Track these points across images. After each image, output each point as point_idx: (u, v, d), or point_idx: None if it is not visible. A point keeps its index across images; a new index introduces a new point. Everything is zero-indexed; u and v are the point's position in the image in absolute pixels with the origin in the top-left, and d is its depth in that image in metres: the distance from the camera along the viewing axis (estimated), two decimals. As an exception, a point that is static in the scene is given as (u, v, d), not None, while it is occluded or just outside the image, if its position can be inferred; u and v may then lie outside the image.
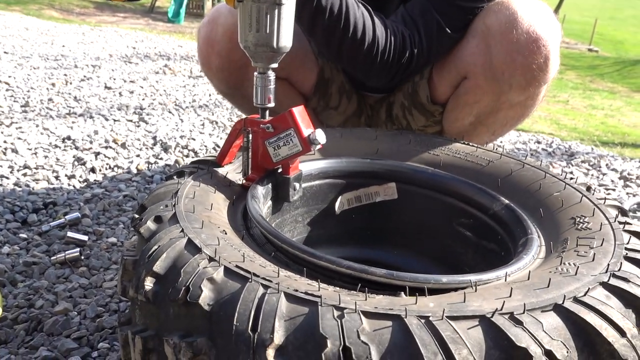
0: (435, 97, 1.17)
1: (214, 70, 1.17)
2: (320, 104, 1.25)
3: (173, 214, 0.67)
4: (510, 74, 1.01)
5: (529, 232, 0.75)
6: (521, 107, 1.10)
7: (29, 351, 0.89)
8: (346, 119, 1.31)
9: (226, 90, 1.23)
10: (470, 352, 0.46)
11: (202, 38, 1.17)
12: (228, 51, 1.12)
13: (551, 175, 0.88)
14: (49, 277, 1.09)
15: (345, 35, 1.00)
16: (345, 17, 0.98)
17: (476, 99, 1.09)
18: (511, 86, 1.03)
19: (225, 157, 0.85)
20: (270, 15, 0.74)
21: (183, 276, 0.54)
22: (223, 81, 1.19)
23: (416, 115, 1.21)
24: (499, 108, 1.10)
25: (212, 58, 1.15)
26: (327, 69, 1.23)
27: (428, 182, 0.95)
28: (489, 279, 0.61)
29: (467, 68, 1.07)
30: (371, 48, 1.02)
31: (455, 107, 1.14)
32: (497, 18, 1.01)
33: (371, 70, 1.07)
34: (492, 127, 1.17)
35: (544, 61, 0.99)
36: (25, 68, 3.00)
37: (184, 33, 6.00)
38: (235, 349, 0.48)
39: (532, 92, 1.05)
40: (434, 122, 1.21)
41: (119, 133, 2.04)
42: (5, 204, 1.38)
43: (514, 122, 1.18)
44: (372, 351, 0.46)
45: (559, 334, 0.50)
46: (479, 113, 1.12)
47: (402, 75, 1.10)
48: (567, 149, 2.28)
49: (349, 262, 0.59)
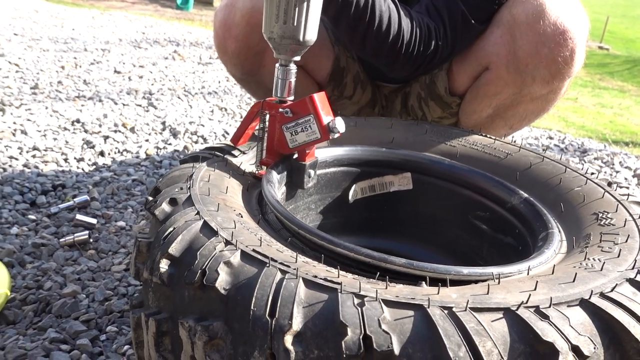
0: (454, 88, 1.15)
1: (230, 55, 1.15)
2: (335, 93, 1.23)
3: (188, 197, 0.65)
4: (534, 66, 0.99)
5: (550, 226, 0.73)
6: (542, 101, 1.08)
7: (37, 332, 0.88)
8: (360, 109, 1.29)
9: (240, 75, 1.21)
10: (495, 344, 0.45)
11: (219, 21, 1.14)
12: (245, 35, 1.10)
13: (572, 169, 0.86)
14: (58, 259, 1.09)
15: (370, 28, 0.98)
16: (371, 10, 0.96)
17: (497, 90, 1.07)
18: (534, 79, 1.01)
19: (240, 138, 0.84)
20: (299, 8, 0.72)
21: (199, 259, 0.53)
22: (238, 66, 1.17)
23: (432, 106, 1.19)
24: (519, 101, 1.08)
25: (228, 42, 1.13)
26: (342, 58, 1.21)
27: (444, 173, 0.94)
28: (511, 272, 0.59)
29: (489, 58, 1.05)
30: (396, 41, 1.00)
31: (473, 98, 1.12)
32: (524, 8, 0.98)
33: (395, 62, 1.05)
34: (510, 121, 1.15)
35: (569, 54, 0.97)
36: (35, 50, 2.98)
37: (193, 20, 5.97)
38: (252, 334, 0.47)
39: (556, 85, 1.03)
40: (450, 114, 1.19)
41: (128, 117, 2.02)
42: (14, 185, 1.37)
43: (532, 117, 1.15)
44: (393, 340, 0.44)
45: (585, 329, 0.48)
46: (498, 106, 1.10)
47: (426, 67, 1.08)
48: (579, 145, 2.25)
49: (368, 250, 0.58)
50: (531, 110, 1.11)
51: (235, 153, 0.85)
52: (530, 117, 1.15)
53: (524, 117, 1.14)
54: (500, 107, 1.11)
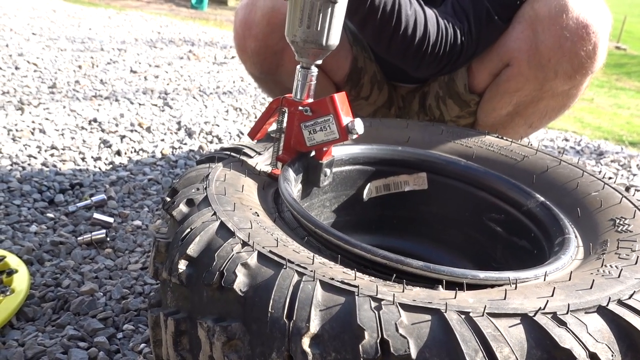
0: (473, 85, 1.14)
1: (249, 54, 1.15)
2: (352, 94, 1.24)
3: (205, 197, 0.66)
4: (556, 60, 0.99)
5: (566, 231, 0.73)
6: (563, 97, 1.08)
7: (55, 329, 0.89)
8: (376, 110, 1.29)
9: (259, 75, 1.21)
10: (512, 350, 0.45)
11: (239, 20, 1.15)
12: (265, 35, 1.10)
13: (589, 174, 0.85)
14: (76, 257, 1.10)
15: (396, 33, 0.99)
16: (397, 15, 0.97)
17: (518, 87, 1.06)
18: (557, 73, 1.00)
19: (258, 132, 0.84)
20: (323, 13, 0.72)
21: (217, 260, 0.54)
22: (257, 65, 1.17)
23: (450, 105, 1.19)
24: (540, 97, 1.07)
25: (248, 41, 1.13)
26: (360, 59, 1.21)
27: (460, 174, 0.93)
28: (528, 277, 0.59)
29: (510, 54, 1.05)
30: (421, 43, 1.00)
31: (494, 96, 1.12)
32: (546, 3, 0.98)
33: (421, 64, 1.05)
34: (530, 119, 1.14)
35: (592, 49, 0.97)
36: (53, 50, 3.02)
37: (207, 19, 6.00)
38: (270, 336, 0.48)
39: (578, 80, 1.02)
40: (469, 113, 1.19)
41: (144, 117, 2.04)
42: (33, 183, 1.39)
43: (553, 114, 1.15)
44: (410, 345, 0.45)
45: (603, 336, 0.48)
46: (519, 103, 1.10)
47: (451, 67, 1.08)
48: (595, 147, 2.23)
49: (384, 252, 0.58)
50: (552, 106, 1.11)
51: (250, 154, 0.86)
52: (550, 114, 1.14)
53: (544, 114, 1.13)
54: (521, 105, 1.10)
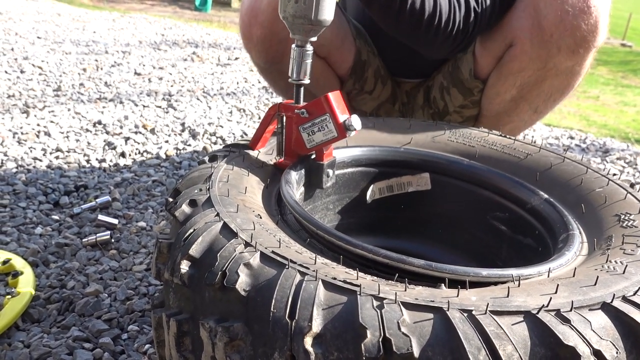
0: (478, 71, 1.14)
1: (255, 42, 1.14)
2: (356, 87, 1.24)
3: (208, 198, 0.66)
4: (559, 35, 0.99)
5: (570, 228, 0.72)
6: (567, 75, 1.07)
7: (61, 330, 0.90)
8: (380, 105, 1.29)
9: (264, 64, 1.20)
10: (515, 348, 0.45)
11: (245, 8, 1.14)
12: (271, 22, 1.10)
13: (593, 170, 0.85)
14: (80, 258, 1.11)
15: (403, 9, 0.97)
16: None
17: (522, 66, 1.06)
18: (560, 49, 1.01)
19: (259, 142, 0.85)
20: None
21: (219, 260, 0.54)
22: (263, 53, 1.16)
23: (454, 94, 1.19)
24: (544, 77, 1.07)
25: (254, 29, 1.13)
26: (363, 52, 1.22)
27: (463, 174, 0.93)
28: (531, 274, 0.59)
29: (513, 34, 1.05)
30: (431, 20, 0.99)
31: (497, 79, 1.12)
32: None
33: (433, 43, 1.04)
34: (534, 102, 1.14)
35: (593, 22, 0.97)
36: (58, 53, 3.04)
37: (211, 21, 6.02)
38: (272, 336, 0.48)
39: (581, 56, 1.02)
40: (472, 102, 1.19)
41: (148, 119, 2.05)
42: (38, 185, 1.40)
43: (557, 95, 1.14)
44: (413, 343, 0.45)
45: (607, 333, 0.48)
46: (523, 84, 1.09)
47: (464, 45, 1.07)
48: (601, 145, 2.22)
49: (386, 252, 0.58)
50: (556, 86, 1.11)
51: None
52: (555, 95, 1.14)
53: (549, 95, 1.13)
54: (525, 87, 1.10)
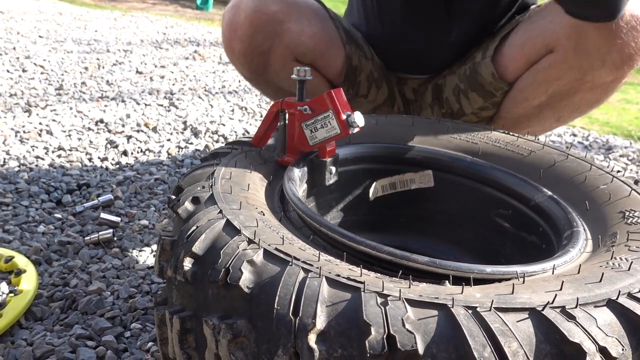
0: (506, 74, 1.12)
1: (237, 55, 1.17)
2: (350, 92, 1.24)
3: (210, 195, 0.66)
4: (607, 49, 0.97)
5: (574, 224, 0.72)
6: (601, 90, 1.06)
7: (63, 329, 0.90)
8: (375, 108, 1.29)
9: (249, 75, 1.23)
10: (520, 345, 0.44)
11: (225, 23, 1.17)
12: (249, 36, 1.12)
13: (597, 167, 0.85)
14: (83, 257, 1.11)
15: None
16: None
17: (559, 75, 1.04)
18: (604, 63, 0.99)
19: (261, 139, 0.84)
20: None
21: (223, 258, 0.53)
22: (245, 66, 1.19)
23: (474, 97, 1.18)
24: (578, 89, 1.06)
25: (234, 43, 1.16)
26: (355, 57, 1.22)
27: (466, 171, 0.93)
28: (535, 270, 0.58)
29: (556, 41, 1.03)
30: None
31: (529, 84, 1.10)
32: None
33: None
34: (560, 112, 1.13)
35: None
36: (59, 52, 3.04)
37: (213, 20, 6.01)
38: (276, 333, 0.47)
39: (623, 73, 1.01)
40: (492, 104, 1.17)
41: (150, 117, 2.05)
42: (40, 184, 1.40)
43: (585, 108, 1.13)
44: (417, 340, 0.44)
45: (613, 330, 0.47)
46: (554, 93, 1.08)
47: None
48: (604, 142, 2.21)
49: (390, 248, 0.58)
50: (587, 100, 1.09)
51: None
52: (582, 108, 1.12)
53: (576, 107, 1.11)
54: (555, 95, 1.09)
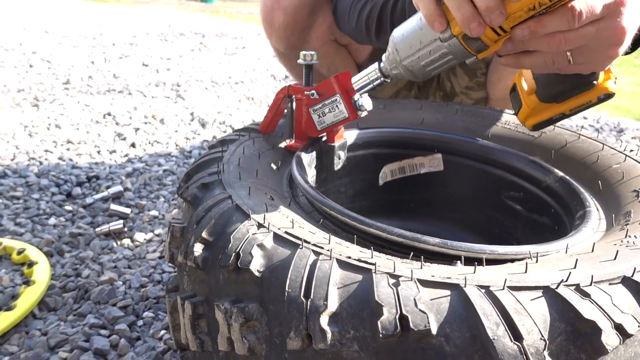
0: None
1: (276, 28, 1.12)
2: None
3: (219, 181, 0.66)
4: None
5: (587, 204, 0.71)
6: None
7: (77, 318, 0.90)
8: (398, 91, 1.28)
9: (284, 50, 1.18)
10: (535, 323, 0.44)
11: None
12: (295, 9, 1.07)
13: (610, 147, 0.83)
14: (94, 247, 1.11)
15: None
16: None
17: None
18: None
19: (268, 125, 0.84)
20: None
21: (233, 242, 0.53)
22: (284, 39, 1.13)
23: (460, 74, 1.18)
24: None
25: (276, 14, 1.10)
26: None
27: (476, 154, 0.92)
28: (548, 250, 0.58)
29: None
30: None
31: (498, 64, 1.10)
32: None
33: None
34: None
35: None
36: (66, 46, 3.05)
37: (217, 11, 6.00)
38: (288, 315, 0.47)
39: None
40: (477, 84, 1.17)
41: (157, 109, 2.05)
42: (50, 177, 1.41)
43: None
44: (430, 320, 0.44)
45: (628, 307, 0.47)
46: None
47: None
48: (615, 125, 2.18)
49: (400, 230, 0.57)
50: None
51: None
52: None
53: None
54: None
